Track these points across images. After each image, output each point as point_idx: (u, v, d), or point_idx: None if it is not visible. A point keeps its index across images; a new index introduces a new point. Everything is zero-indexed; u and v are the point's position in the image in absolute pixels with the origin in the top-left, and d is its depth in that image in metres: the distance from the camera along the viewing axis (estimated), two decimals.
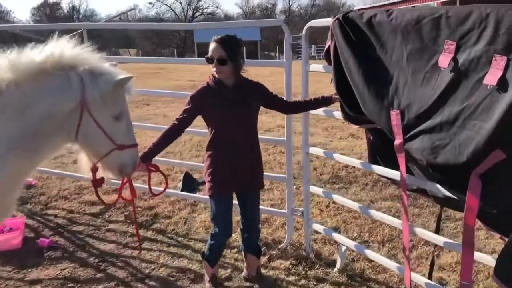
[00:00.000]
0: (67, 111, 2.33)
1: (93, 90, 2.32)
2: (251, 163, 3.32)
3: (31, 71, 2.25)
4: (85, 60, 2.36)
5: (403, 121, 2.61)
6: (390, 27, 2.71)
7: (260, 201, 5.18)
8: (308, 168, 3.95)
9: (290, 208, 4.07)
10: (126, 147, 2.55)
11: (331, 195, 3.79)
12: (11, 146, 2.26)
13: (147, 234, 4.58)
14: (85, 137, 2.43)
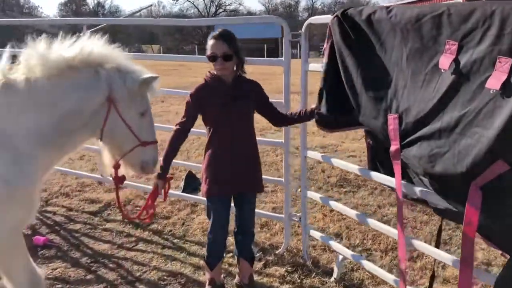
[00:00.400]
0: (94, 107, 2.39)
1: (120, 87, 2.39)
2: (248, 163, 3.22)
3: (60, 67, 2.31)
4: (113, 58, 2.43)
5: (401, 126, 2.44)
6: (390, 25, 2.53)
7: (262, 204, 5.11)
8: (305, 172, 3.77)
9: (287, 213, 3.90)
10: (148, 143, 2.60)
11: (328, 201, 3.61)
12: (40, 141, 2.32)
13: (143, 234, 4.48)
14: (111, 133, 2.48)
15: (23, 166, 2.30)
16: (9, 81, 2.30)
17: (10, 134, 2.27)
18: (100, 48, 2.42)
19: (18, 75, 2.32)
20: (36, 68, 2.30)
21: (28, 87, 2.27)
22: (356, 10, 2.77)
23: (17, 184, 2.28)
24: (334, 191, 5.66)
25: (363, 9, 2.75)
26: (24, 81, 2.28)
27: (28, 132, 2.29)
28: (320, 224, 4.61)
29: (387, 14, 2.55)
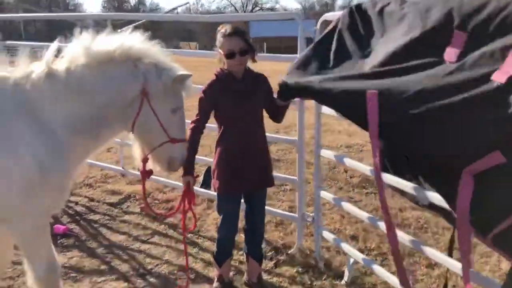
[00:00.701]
0: (128, 100, 2.47)
1: (155, 82, 2.46)
2: (259, 159, 3.21)
3: (100, 58, 2.41)
4: (151, 54, 2.51)
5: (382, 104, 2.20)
6: (400, 14, 2.43)
7: (279, 202, 5.07)
8: (319, 171, 3.70)
9: (300, 212, 3.84)
10: (177, 140, 2.64)
11: (341, 203, 3.53)
12: (77, 129, 2.42)
13: (159, 228, 4.52)
14: (142, 127, 2.55)
15: (59, 153, 2.40)
16: (52, 71, 2.41)
17: (50, 121, 2.38)
18: (140, 44, 2.50)
19: (60, 65, 2.44)
20: (78, 58, 2.41)
21: (68, 76, 2.38)
22: (372, 2, 2.69)
23: (52, 169, 2.37)
24: (355, 192, 5.55)
25: (377, 2, 2.66)
26: (65, 71, 2.40)
27: (66, 120, 2.40)
28: (337, 225, 4.52)
29: (400, 4, 2.46)
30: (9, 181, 2.32)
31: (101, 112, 2.46)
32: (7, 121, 2.34)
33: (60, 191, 2.52)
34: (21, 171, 2.32)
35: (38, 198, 2.40)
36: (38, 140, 2.35)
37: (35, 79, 2.39)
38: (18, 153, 2.32)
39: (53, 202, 2.53)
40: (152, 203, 5.01)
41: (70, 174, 2.56)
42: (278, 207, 4.93)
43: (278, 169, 6.39)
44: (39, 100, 2.38)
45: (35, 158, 2.33)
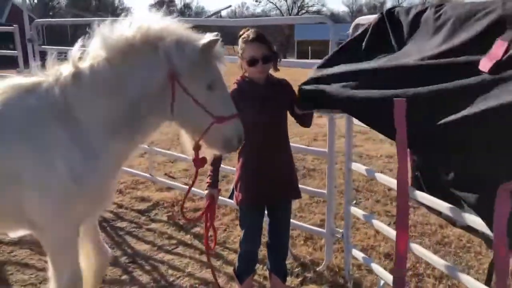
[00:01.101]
0: (158, 87, 2.23)
1: (180, 60, 2.18)
2: (283, 169, 3.02)
3: (122, 49, 2.20)
4: (172, 31, 2.23)
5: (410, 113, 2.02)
6: (435, 24, 2.20)
7: (311, 215, 4.85)
8: (350, 186, 3.46)
9: (329, 228, 3.61)
10: (225, 119, 2.33)
11: (372, 220, 3.27)
12: (111, 131, 2.26)
13: (185, 238, 4.40)
14: (181, 113, 2.30)
15: (96, 161, 2.27)
16: (78, 71, 2.27)
17: (83, 125, 2.26)
18: (159, 22, 2.24)
19: (85, 63, 2.29)
20: (100, 53, 2.24)
21: (92, 74, 2.23)
22: (404, 8, 2.45)
23: (88, 180, 2.25)
24: (393, 205, 5.23)
25: (411, 8, 2.42)
26: (89, 69, 2.25)
27: (99, 122, 2.26)
28: (370, 241, 4.25)
29: (436, 13, 2.22)
30: (43, 192, 2.24)
31: (134, 108, 2.25)
32: (40, 130, 2.24)
33: (96, 200, 2.42)
34: (56, 183, 2.22)
35: (72, 209, 2.31)
36: (73, 149, 2.23)
37: (63, 81, 2.26)
38: (53, 164, 2.21)
39: (88, 211, 2.44)
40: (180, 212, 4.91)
41: (108, 181, 2.43)
42: (309, 220, 4.71)
43: (312, 179, 6.18)
44: (70, 104, 2.26)
45: (70, 169, 2.21)
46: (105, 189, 2.43)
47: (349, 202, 3.44)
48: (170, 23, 2.26)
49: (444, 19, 2.18)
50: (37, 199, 2.25)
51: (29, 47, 5.87)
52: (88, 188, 2.27)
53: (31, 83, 2.34)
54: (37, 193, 2.24)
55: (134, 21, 2.25)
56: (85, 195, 2.29)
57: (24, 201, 2.26)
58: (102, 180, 2.35)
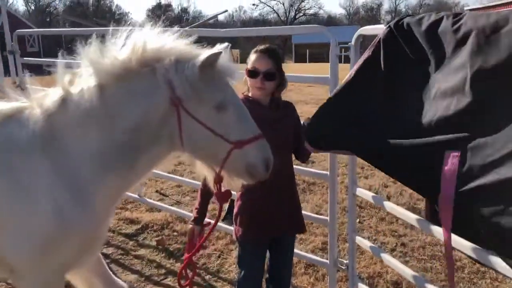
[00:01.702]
0: (159, 115, 1.94)
1: (180, 83, 1.87)
2: (288, 200, 2.71)
3: (116, 72, 1.91)
4: (171, 49, 1.93)
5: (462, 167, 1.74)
6: (455, 38, 1.86)
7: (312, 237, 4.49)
8: (354, 212, 3.12)
9: (333, 258, 3.27)
10: (245, 142, 1.96)
11: (379, 253, 2.93)
12: (105, 164, 1.96)
13: (174, 266, 4.05)
14: (192, 142, 1.98)
15: (85, 198, 1.96)
16: (68, 95, 1.97)
17: (72, 157, 1.95)
18: (154, 41, 1.94)
19: (75, 89, 1.99)
20: (90, 77, 1.95)
21: (82, 101, 1.92)
22: (415, 19, 2.12)
23: (75, 221, 1.94)
24: (399, 223, 4.88)
25: (423, 17, 2.09)
26: (80, 94, 1.95)
27: (88, 155, 1.95)
28: (377, 268, 3.91)
29: (454, 24, 1.89)
30: (22, 235, 1.94)
31: (130, 138, 1.95)
32: (22, 162, 1.94)
33: (85, 245, 2.09)
34: (37, 225, 1.92)
35: (56, 255, 2.00)
36: (58, 185, 1.92)
37: (50, 107, 1.97)
38: (34, 203, 1.92)
39: (75, 258, 2.11)
40: (170, 236, 4.57)
41: (99, 222, 2.11)
42: (310, 243, 4.37)
43: (313, 194, 5.84)
44: (58, 132, 1.96)
45: (55, 209, 1.91)
46: (95, 232, 2.12)
47: (354, 230, 3.10)
48: (168, 40, 1.95)
49: (464, 31, 1.85)
50: (15, 243, 1.95)
51: (10, 59, 5.54)
52: (75, 232, 1.97)
53: (12, 108, 2.04)
54: (14, 236, 1.94)
55: (129, 40, 1.94)
56: (72, 239, 1.98)
57: (2, 247, 1.97)
58: (92, 222, 2.03)
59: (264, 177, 2.09)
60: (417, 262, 4.08)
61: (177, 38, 1.98)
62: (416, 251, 4.28)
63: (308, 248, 4.28)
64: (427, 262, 4.09)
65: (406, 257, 4.18)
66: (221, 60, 1.93)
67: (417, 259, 4.14)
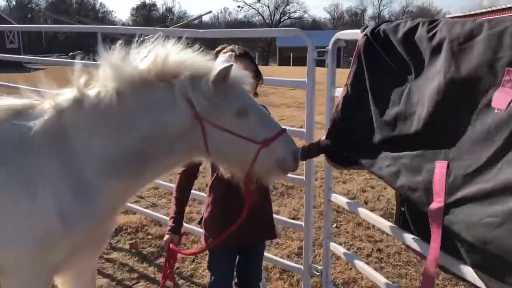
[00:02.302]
0: (180, 129, 1.97)
1: (198, 97, 1.92)
2: (261, 208, 2.64)
3: (134, 82, 1.94)
4: (189, 66, 1.97)
5: (449, 178, 1.73)
6: (431, 45, 1.85)
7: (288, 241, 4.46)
8: (329, 219, 3.09)
9: (307, 264, 3.23)
10: (271, 139, 2.01)
11: (353, 260, 2.90)
12: (113, 169, 1.96)
13: (147, 270, 3.97)
14: (219, 150, 2.03)
15: (88, 199, 1.95)
16: (83, 97, 1.97)
17: (80, 159, 1.95)
18: (176, 56, 1.97)
19: (91, 91, 2.00)
20: (109, 82, 1.96)
21: (99, 103, 1.93)
22: (391, 26, 2.10)
23: (76, 219, 1.93)
24: (375, 229, 4.87)
25: (399, 24, 2.07)
26: (96, 97, 1.95)
27: (96, 156, 1.95)
28: (352, 274, 3.89)
29: (429, 31, 1.87)
30: (21, 231, 1.92)
31: (143, 146, 1.96)
32: (29, 160, 1.93)
33: (82, 247, 2.07)
34: (38, 220, 1.91)
35: (51, 254, 1.97)
36: (64, 184, 1.92)
37: (63, 106, 1.97)
38: (37, 199, 1.90)
39: (67, 260, 2.06)
40: (145, 239, 4.48)
41: (101, 224, 2.09)
42: (286, 247, 4.34)
43: (291, 198, 5.80)
44: (68, 134, 1.96)
45: (57, 205, 1.90)
46: (95, 234, 2.10)
47: (328, 237, 3.06)
48: (188, 56, 1.99)
49: (440, 38, 1.84)
50: (12, 238, 1.93)
51: None
52: (75, 231, 1.95)
53: (21, 104, 2.04)
54: (13, 231, 1.92)
55: (152, 52, 1.97)
56: (71, 238, 1.96)
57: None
58: (93, 223, 2.01)
59: (294, 169, 2.14)
60: (393, 268, 4.08)
61: (197, 54, 2.01)
62: (392, 257, 4.28)
63: (284, 253, 4.24)
64: (402, 268, 4.09)
65: (381, 263, 4.18)
66: (232, 72, 1.96)
67: (393, 265, 4.13)
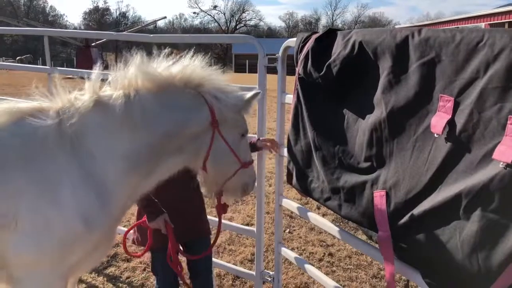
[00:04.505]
0: (195, 131, 2.15)
1: (223, 110, 2.16)
2: (195, 205, 2.76)
3: (159, 83, 2.07)
4: (212, 80, 2.19)
5: (389, 206, 1.81)
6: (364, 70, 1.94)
7: (240, 247, 4.46)
8: (280, 224, 3.12)
9: (259, 270, 3.24)
10: (248, 164, 2.38)
11: (304, 265, 2.93)
12: (131, 168, 2.03)
13: (96, 280, 3.85)
14: (215, 159, 2.24)
15: (107, 199, 1.99)
16: (101, 99, 2.02)
17: (100, 159, 1.98)
18: (202, 70, 2.18)
19: (112, 91, 2.07)
20: (135, 83, 2.05)
21: (123, 104, 2.00)
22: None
23: (97, 220, 1.96)
24: (327, 234, 4.95)
25: (348, 31, 2.13)
26: (119, 98, 2.01)
27: (115, 156, 2.01)
28: (304, 279, 3.93)
29: (344, 37, 1.97)
30: (42, 235, 1.90)
31: (162, 144, 2.07)
32: (48, 162, 1.92)
33: (99, 247, 2.10)
34: (60, 223, 1.90)
35: (70, 256, 1.98)
36: (85, 184, 1.94)
37: (82, 109, 1.99)
38: (59, 202, 1.90)
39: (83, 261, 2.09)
40: None
41: (115, 224, 2.20)
42: (239, 253, 4.33)
43: (245, 205, 5.81)
44: (86, 135, 1.98)
45: (79, 208, 1.92)
46: (111, 233, 2.18)
47: (280, 242, 3.09)
48: (211, 72, 2.21)
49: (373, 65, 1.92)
50: (32, 243, 1.90)
51: None
52: (96, 231, 1.98)
53: (32, 107, 2.04)
54: (32, 236, 1.89)
55: (178, 63, 2.15)
56: (91, 239, 1.99)
57: (7, 248, 1.90)
58: (112, 223, 2.10)
59: (248, 194, 2.54)
60: (343, 272, 4.15)
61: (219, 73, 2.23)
62: (343, 261, 4.36)
63: (237, 260, 4.23)
64: (353, 272, 4.17)
65: (333, 267, 4.24)
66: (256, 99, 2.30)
67: (343, 269, 4.21)
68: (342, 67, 2.02)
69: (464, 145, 1.46)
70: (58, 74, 2.13)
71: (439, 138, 1.56)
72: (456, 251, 1.52)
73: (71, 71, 4.69)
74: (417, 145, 1.66)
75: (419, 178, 1.63)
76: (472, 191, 1.40)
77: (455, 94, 1.52)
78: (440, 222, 1.54)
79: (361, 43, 1.95)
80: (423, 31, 1.71)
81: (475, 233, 1.45)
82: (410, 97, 1.69)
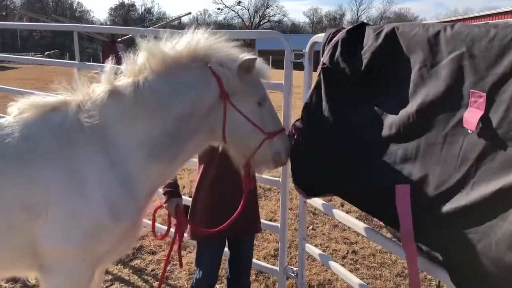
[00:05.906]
0: (207, 108, 2.12)
1: (230, 79, 2.10)
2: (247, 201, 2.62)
3: (167, 63, 2.06)
4: (218, 49, 2.13)
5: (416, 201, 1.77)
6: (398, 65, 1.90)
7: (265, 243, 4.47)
8: (304, 220, 3.11)
9: (282, 265, 3.24)
10: (275, 133, 2.26)
11: (328, 261, 2.92)
12: (152, 155, 2.05)
13: (122, 272, 3.92)
14: (233, 133, 2.19)
15: (132, 188, 2.03)
16: (116, 88, 2.06)
17: (121, 148, 2.02)
18: (206, 41, 2.12)
19: (124, 80, 2.09)
20: (144, 68, 2.07)
21: (136, 90, 2.02)
22: (372, 28, 2.13)
23: (124, 210, 2.00)
24: (351, 231, 4.93)
25: (382, 27, 2.10)
26: (131, 85, 2.04)
27: (140, 143, 2.04)
28: (327, 275, 3.92)
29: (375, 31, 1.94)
30: (71, 224, 1.94)
31: (177, 129, 2.07)
32: (73, 154, 1.97)
33: (126, 236, 2.13)
34: (88, 213, 1.94)
35: (99, 246, 2.02)
36: (109, 175, 1.99)
37: (99, 100, 2.03)
38: (86, 192, 1.94)
39: (111, 250, 2.12)
40: None
41: (142, 212, 2.19)
42: (263, 249, 4.34)
43: (268, 200, 5.82)
44: (106, 124, 2.02)
45: (106, 197, 1.96)
46: (137, 223, 2.18)
47: (304, 238, 3.08)
48: (216, 41, 2.14)
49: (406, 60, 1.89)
50: (60, 233, 1.95)
51: None
52: (124, 221, 2.01)
53: (58, 101, 2.10)
54: (61, 226, 1.94)
55: (182, 39, 2.11)
56: (119, 229, 2.02)
57: (39, 237, 1.95)
58: (138, 212, 2.10)
59: (284, 163, 2.41)
60: (367, 270, 4.12)
61: (223, 41, 2.16)
62: (367, 259, 4.33)
63: (261, 255, 4.24)
64: (377, 270, 4.14)
65: (356, 265, 4.22)
66: (257, 63, 2.17)
67: (367, 267, 4.18)
68: (372, 58, 1.99)
69: (499, 141, 1.42)
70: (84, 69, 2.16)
71: (471, 134, 1.52)
72: (489, 250, 1.49)
73: (98, 66, 4.77)
74: (447, 140, 1.62)
75: (451, 174, 1.60)
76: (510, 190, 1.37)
77: (487, 89, 1.48)
78: (473, 220, 1.51)
79: (395, 33, 1.92)
80: (457, 25, 1.67)
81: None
82: (440, 91, 1.66)
